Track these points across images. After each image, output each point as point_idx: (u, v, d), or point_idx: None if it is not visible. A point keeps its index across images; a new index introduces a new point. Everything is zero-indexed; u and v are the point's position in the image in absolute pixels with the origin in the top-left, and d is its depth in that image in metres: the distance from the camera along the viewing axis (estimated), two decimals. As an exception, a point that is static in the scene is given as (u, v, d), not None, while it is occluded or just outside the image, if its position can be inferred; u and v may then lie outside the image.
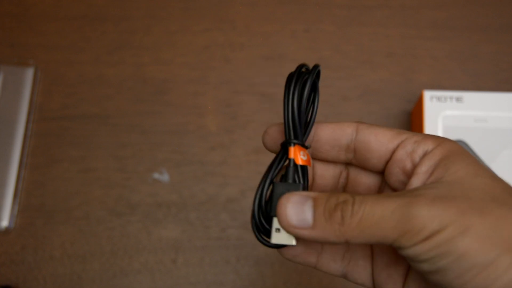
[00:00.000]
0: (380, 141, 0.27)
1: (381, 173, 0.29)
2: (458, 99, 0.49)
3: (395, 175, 0.27)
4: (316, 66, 0.29)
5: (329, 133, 0.29)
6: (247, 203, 0.52)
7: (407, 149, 0.27)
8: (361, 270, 0.29)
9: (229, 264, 0.51)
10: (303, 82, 0.28)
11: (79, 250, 0.52)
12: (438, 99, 0.49)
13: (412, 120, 0.54)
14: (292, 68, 0.29)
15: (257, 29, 0.59)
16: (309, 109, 0.28)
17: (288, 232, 0.25)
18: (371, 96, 0.56)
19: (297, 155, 0.27)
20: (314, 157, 0.30)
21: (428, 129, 0.48)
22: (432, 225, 0.22)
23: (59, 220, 0.52)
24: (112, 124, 0.56)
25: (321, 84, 0.61)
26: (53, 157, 0.55)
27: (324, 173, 0.30)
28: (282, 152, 0.28)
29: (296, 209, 0.25)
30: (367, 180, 0.30)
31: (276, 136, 0.29)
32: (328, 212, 0.25)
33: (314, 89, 0.28)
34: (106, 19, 0.60)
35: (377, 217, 0.23)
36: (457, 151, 0.26)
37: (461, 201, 0.23)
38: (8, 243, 0.52)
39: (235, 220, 0.52)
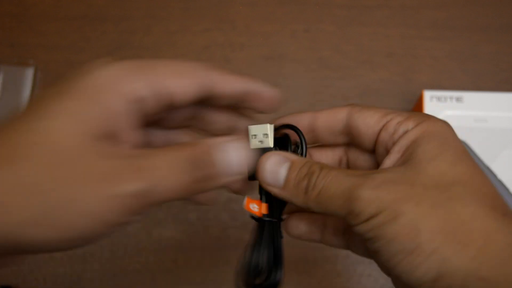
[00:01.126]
0: (367, 124, 0.28)
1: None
2: (458, 99, 0.49)
3: (381, 155, 0.28)
4: None
5: (324, 121, 0.30)
6: (247, 203, 0.52)
7: (390, 130, 0.27)
8: (358, 243, 0.31)
9: (229, 264, 0.51)
10: None
11: (79, 250, 0.51)
12: (438, 99, 0.49)
13: (412, 120, 0.54)
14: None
15: (257, 29, 0.59)
16: None
17: (263, 187, 0.28)
18: (371, 96, 0.56)
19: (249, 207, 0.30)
20: (316, 143, 0.31)
21: (428, 129, 0.48)
22: (369, 209, 0.24)
23: (59, 220, 0.52)
24: (112, 124, 0.56)
25: (322, 84, 0.61)
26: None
27: (322, 160, 0.32)
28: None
29: (272, 168, 0.28)
30: (365, 162, 0.31)
31: None
32: (298, 180, 0.27)
33: None
34: (106, 19, 0.60)
35: (331, 193, 0.25)
36: (432, 132, 0.26)
37: (403, 187, 0.24)
38: (8, 243, 0.52)
39: (235, 220, 0.52)
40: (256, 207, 0.30)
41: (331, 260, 0.50)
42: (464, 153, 0.26)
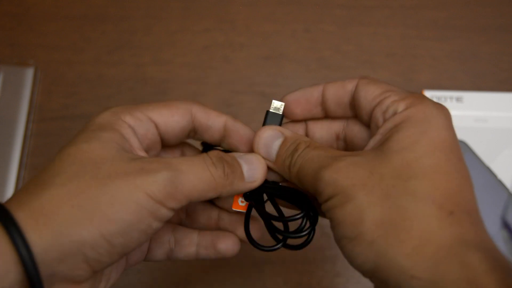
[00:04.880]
0: (367, 98, 0.28)
1: None
2: (458, 99, 0.49)
3: (373, 132, 0.28)
4: None
5: (334, 93, 0.30)
6: (247, 203, 0.52)
7: (382, 108, 0.27)
8: None
9: (229, 264, 0.51)
10: None
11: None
12: (438, 99, 0.49)
13: (412, 120, 0.54)
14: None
15: (257, 29, 0.59)
16: None
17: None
18: (371, 96, 0.56)
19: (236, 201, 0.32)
20: (327, 116, 0.32)
21: (428, 129, 0.48)
22: (327, 191, 0.25)
23: (59, 220, 0.52)
24: (112, 124, 0.56)
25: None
26: (53, 157, 0.54)
27: (317, 134, 0.32)
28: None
29: (266, 141, 0.30)
30: (362, 141, 0.30)
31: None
32: (284, 157, 0.29)
33: None
34: (106, 19, 0.60)
35: (305, 172, 0.27)
36: (417, 118, 0.25)
37: (362, 174, 0.24)
38: (8, 243, 0.52)
39: (235, 220, 0.52)
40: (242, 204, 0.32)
41: (331, 260, 0.50)
42: (443, 144, 0.25)
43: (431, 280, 0.22)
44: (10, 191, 0.52)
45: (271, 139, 0.30)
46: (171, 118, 0.30)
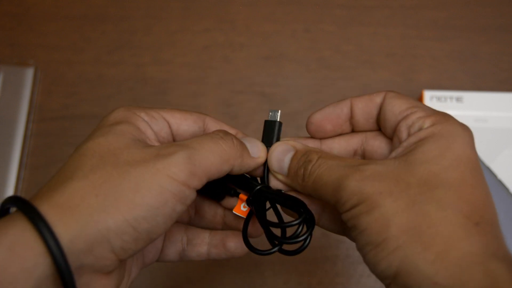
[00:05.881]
0: (393, 111, 0.29)
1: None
2: (458, 99, 0.49)
3: (394, 145, 0.29)
4: None
5: (362, 107, 0.30)
6: (247, 203, 0.52)
7: (408, 123, 0.28)
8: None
9: (229, 264, 0.51)
10: None
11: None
12: (438, 99, 0.49)
13: (412, 120, 0.54)
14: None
15: (257, 29, 0.59)
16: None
17: (272, 174, 0.31)
18: (371, 96, 0.56)
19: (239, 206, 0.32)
20: (353, 130, 0.32)
21: (428, 129, 0.48)
22: (352, 200, 0.25)
23: (59, 220, 0.52)
24: (112, 124, 0.56)
25: (322, 84, 0.61)
26: (53, 157, 0.55)
27: (334, 150, 0.32)
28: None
29: (278, 156, 0.30)
30: (382, 157, 0.30)
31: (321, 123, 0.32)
32: (297, 168, 0.29)
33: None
34: (106, 19, 0.60)
35: (323, 181, 0.27)
36: (442, 134, 0.26)
37: (387, 182, 0.25)
38: (8, 243, 0.52)
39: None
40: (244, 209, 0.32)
41: (331, 260, 0.50)
42: (467, 160, 0.25)
43: (453, 287, 0.22)
44: (10, 191, 0.52)
45: (283, 153, 0.30)
46: (184, 121, 0.31)
